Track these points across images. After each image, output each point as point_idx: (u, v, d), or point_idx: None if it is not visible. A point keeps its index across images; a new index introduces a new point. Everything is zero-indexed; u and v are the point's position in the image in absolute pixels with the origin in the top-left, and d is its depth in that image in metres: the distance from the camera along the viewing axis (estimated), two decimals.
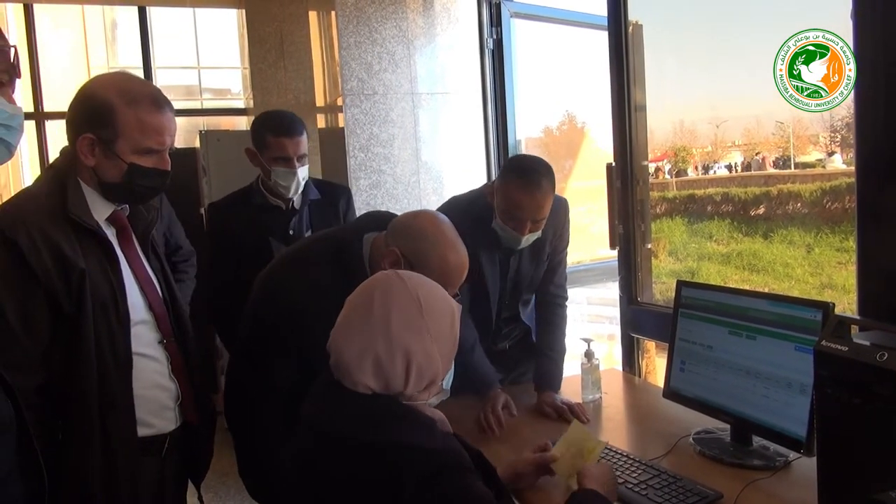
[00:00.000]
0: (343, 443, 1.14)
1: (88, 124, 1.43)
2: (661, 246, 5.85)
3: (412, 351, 1.17)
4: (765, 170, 8.97)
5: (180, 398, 1.58)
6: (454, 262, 1.58)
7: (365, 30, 3.52)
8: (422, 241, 1.58)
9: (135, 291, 1.52)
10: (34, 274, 1.34)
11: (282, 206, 2.40)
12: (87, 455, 1.40)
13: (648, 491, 1.53)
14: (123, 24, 13.09)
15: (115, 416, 1.42)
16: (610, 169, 2.63)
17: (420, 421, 1.18)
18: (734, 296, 1.80)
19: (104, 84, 1.47)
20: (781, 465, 1.63)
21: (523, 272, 2.23)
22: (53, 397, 1.38)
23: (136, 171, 1.45)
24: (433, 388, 1.23)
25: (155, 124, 1.45)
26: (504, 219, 2.02)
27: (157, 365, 1.54)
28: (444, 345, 1.23)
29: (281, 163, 2.29)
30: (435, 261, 1.56)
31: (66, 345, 1.39)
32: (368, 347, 1.16)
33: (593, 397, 2.18)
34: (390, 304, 1.19)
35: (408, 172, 3.68)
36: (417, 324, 1.18)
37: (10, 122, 1.26)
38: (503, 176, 2.04)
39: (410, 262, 1.56)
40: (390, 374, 1.16)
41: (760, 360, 1.68)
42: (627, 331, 2.65)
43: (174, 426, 1.57)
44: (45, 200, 1.42)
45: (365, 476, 1.11)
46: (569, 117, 6.02)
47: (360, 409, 1.16)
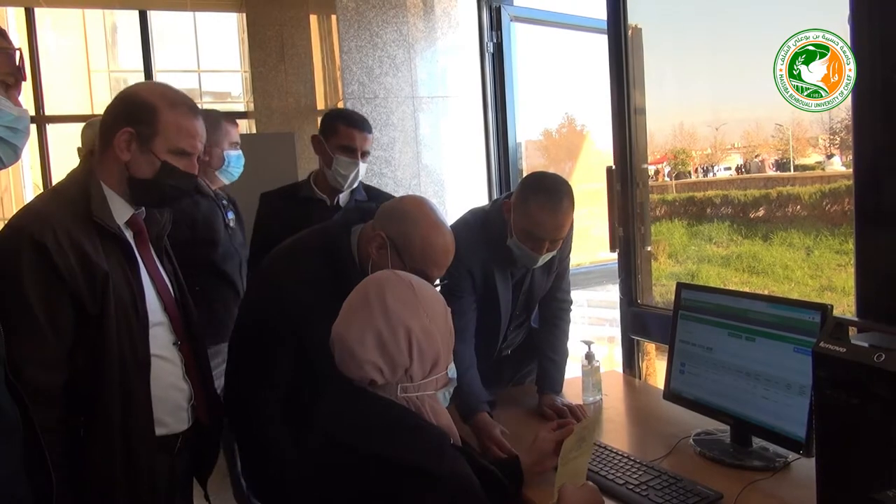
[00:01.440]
0: (352, 451, 1.15)
1: (128, 120, 1.48)
2: (660, 248, 5.87)
3: (411, 327, 1.20)
4: (764, 172, 8.98)
5: (193, 399, 1.61)
6: (438, 243, 1.60)
7: (366, 34, 3.54)
8: (406, 223, 1.60)
9: (152, 294, 1.55)
10: (61, 276, 1.36)
11: (326, 200, 2.46)
12: (108, 452, 1.42)
13: (649, 492, 1.54)
14: (124, 27, 13.14)
15: (134, 415, 1.45)
16: (610, 172, 2.64)
17: (431, 438, 1.18)
18: (733, 298, 1.81)
19: (147, 88, 1.55)
20: (781, 465, 1.64)
21: (536, 286, 2.20)
22: (75, 395, 1.40)
23: (167, 169, 1.50)
24: (438, 373, 1.25)
25: (191, 128, 1.52)
26: (521, 238, 1.95)
27: (172, 367, 1.57)
28: (441, 327, 1.25)
29: (346, 152, 2.39)
30: (418, 242, 1.58)
31: (90, 345, 1.41)
32: (369, 325, 1.19)
33: (594, 399, 2.19)
34: (385, 289, 1.23)
35: (408, 175, 3.69)
36: (413, 302, 1.22)
37: (16, 124, 1.28)
38: (524, 194, 1.95)
39: (396, 244, 1.59)
40: (394, 350, 1.19)
41: (760, 361, 1.69)
42: (628, 333, 2.66)
43: (187, 426, 1.60)
44: (70, 203, 1.44)
45: (368, 488, 1.12)
46: (568, 120, 6.04)
47: (373, 416, 1.18)
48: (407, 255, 1.58)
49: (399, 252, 1.59)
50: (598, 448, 1.78)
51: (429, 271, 1.60)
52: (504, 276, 2.10)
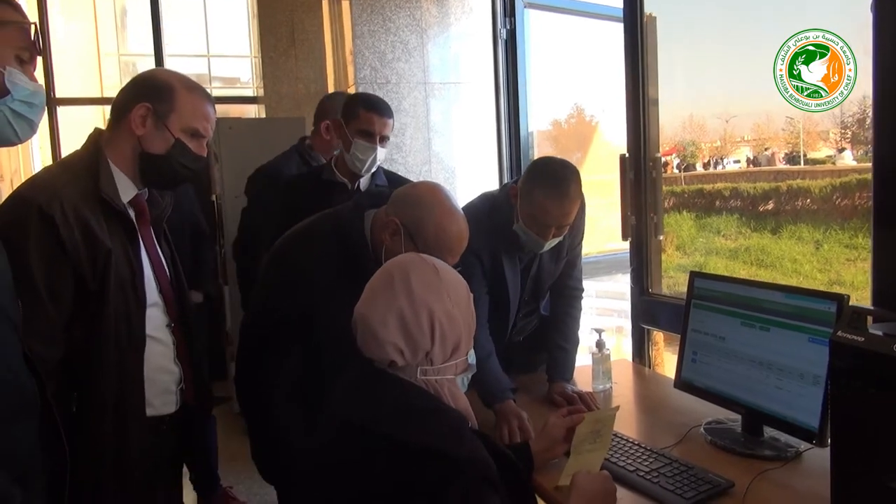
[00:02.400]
0: (368, 434, 1.14)
1: (146, 96, 1.51)
2: (668, 240, 5.84)
3: (434, 310, 1.19)
4: (774, 166, 8.92)
5: (182, 382, 1.63)
6: (452, 230, 1.59)
7: (378, 18, 3.52)
8: (419, 209, 1.59)
9: (149, 274, 1.57)
10: (65, 249, 1.37)
11: (347, 184, 2.47)
12: (100, 429, 1.44)
13: (661, 479, 1.54)
14: (133, 11, 13.11)
15: (127, 394, 1.46)
16: (623, 160, 2.63)
17: (450, 421, 1.17)
18: (748, 287, 1.80)
19: (164, 72, 1.60)
20: (792, 455, 1.64)
21: (544, 272, 2.20)
22: (69, 371, 1.42)
23: (179, 147, 1.53)
24: (458, 357, 1.24)
25: (205, 112, 1.57)
26: (528, 223, 1.96)
27: (164, 349, 1.59)
28: (464, 312, 1.25)
29: (365, 137, 2.38)
30: (432, 228, 1.57)
31: (87, 320, 1.42)
32: (392, 306, 1.19)
33: (604, 387, 2.19)
34: (409, 272, 1.22)
35: (419, 162, 3.68)
36: (437, 286, 1.22)
37: (32, 99, 1.28)
38: (530, 180, 1.95)
39: (409, 230, 1.58)
40: (416, 332, 1.18)
41: (773, 351, 1.69)
42: (638, 322, 2.66)
43: (174, 409, 1.62)
44: (78, 179, 1.46)
45: (382, 469, 1.11)
46: (577, 110, 6.01)
47: (391, 400, 1.17)
48: (420, 241, 1.57)
49: (413, 238, 1.58)
50: None
51: (442, 258, 1.56)
52: (512, 261, 2.10)
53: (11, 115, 1.24)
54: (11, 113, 1.24)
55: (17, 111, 1.25)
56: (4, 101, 1.23)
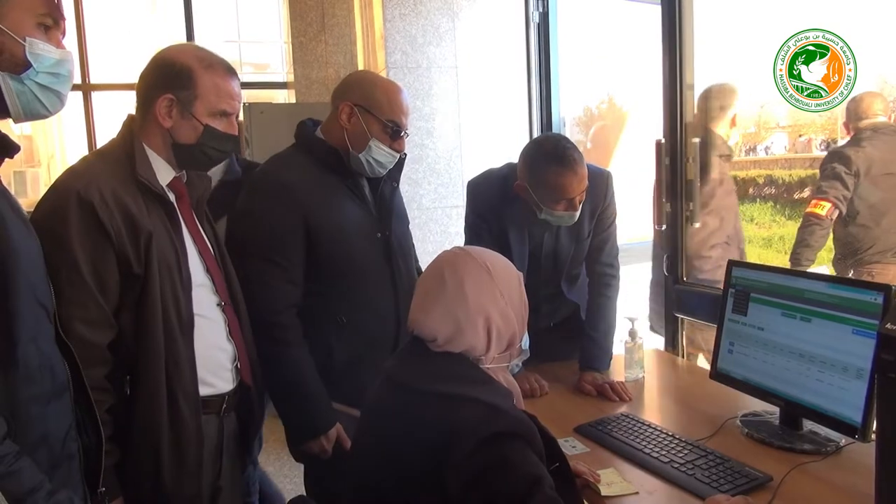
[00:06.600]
0: (420, 392, 1.18)
1: (168, 86, 1.48)
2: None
3: (490, 314, 1.22)
4: (810, 152, 8.73)
5: (237, 360, 1.62)
6: (398, 92, 1.80)
7: (409, 2, 3.49)
8: (364, 85, 1.80)
9: (194, 256, 1.56)
10: (107, 233, 1.37)
11: None
12: (154, 410, 1.44)
13: (696, 471, 1.51)
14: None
15: (179, 375, 1.46)
16: (659, 145, 2.58)
17: (500, 389, 1.22)
18: (790, 277, 1.75)
19: (181, 50, 1.54)
20: (833, 450, 1.59)
21: (562, 249, 2.18)
22: (120, 354, 1.42)
23: (210, 132, 1.51)
24: (513, 350, 1.28)
25: (228, 89, 1.53)
26: (552, 206, 1.98)
27: (215, 326, 1.58)
28: (516, 304, 1.27)
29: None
30: (381, 96, 1.77)
31: (134, 304, 1.42)
32: (448, 315, 1.22)
33: (636, 376, 2.16)
34: (461, 273, 1.24)
35: (450, 147, 3.66)
36: (489, 286, 1.24)
37: (57, 69, 1.20)
38: (533, 168, 1.99)
39: (363, 106, 1.76)
40: (472, 339, 1.22)
41: (815, 342, 1.64)
42: (672, 311, 2.61)
43: (231, 386, 1.60)
44: (114, 164, 1.45)
45: (431, 418, 1.14)
46: (609, 97, 5.93)
47: (445, 367, 1.21)
48: (377, 111, 1.76)
49: (370, 111, 1.76)
50: (641, 424, 1.75)
51: (398, 119, 1.78)
52: (520, 237, 2.13)
53: (38, 88, 1.18)
54: (38, 87, 1.18)
55: (42, 84, 1.18)
56: (28, 76, 1.16)
